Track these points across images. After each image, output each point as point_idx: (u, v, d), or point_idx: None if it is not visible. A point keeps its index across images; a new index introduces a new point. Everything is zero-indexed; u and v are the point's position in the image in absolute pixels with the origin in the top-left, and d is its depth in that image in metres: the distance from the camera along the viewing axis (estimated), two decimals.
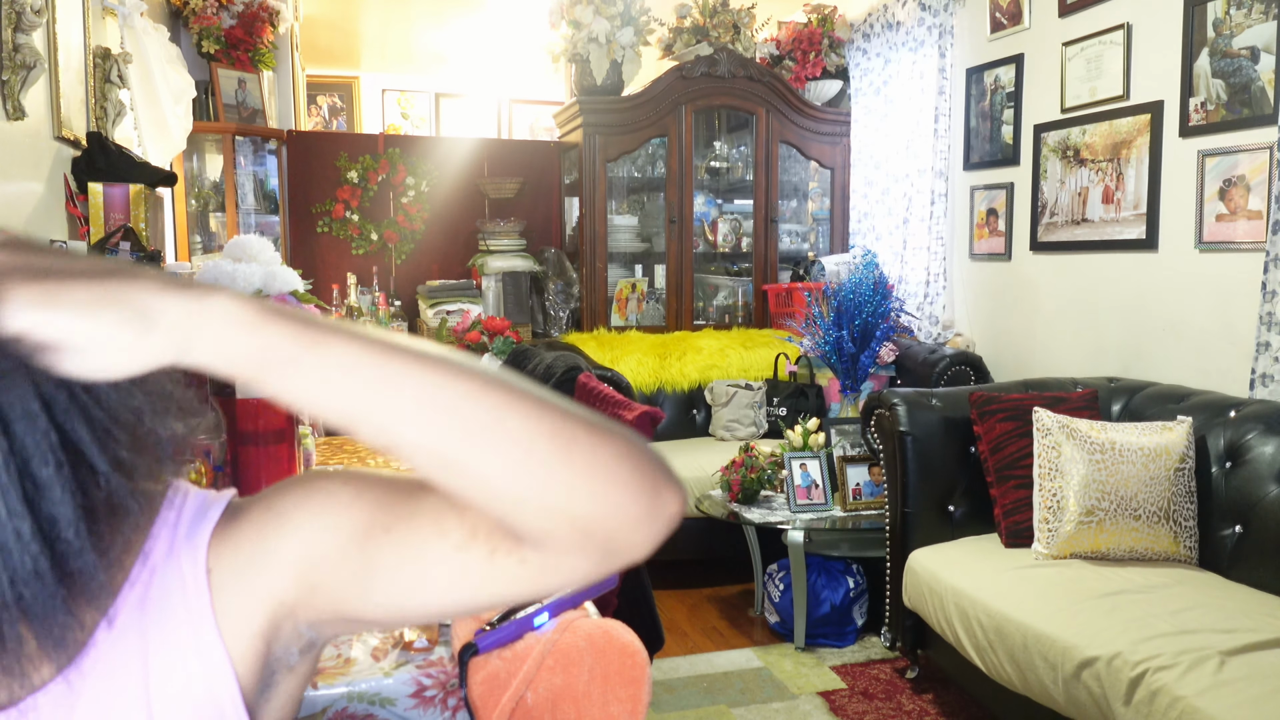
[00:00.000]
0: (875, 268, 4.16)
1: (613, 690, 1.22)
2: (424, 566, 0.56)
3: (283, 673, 0.61)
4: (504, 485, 0.50)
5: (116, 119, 2.99)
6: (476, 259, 4.68)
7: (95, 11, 2.88)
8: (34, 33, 2.20)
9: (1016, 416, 2.74)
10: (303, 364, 0.48)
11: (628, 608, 2.02)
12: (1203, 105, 2.93)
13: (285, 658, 0.60)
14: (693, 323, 4.68)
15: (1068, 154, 3.50)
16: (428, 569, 0.56)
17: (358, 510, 0.57)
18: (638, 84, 4.65)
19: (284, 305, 0.50)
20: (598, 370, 3.46)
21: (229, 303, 0.47)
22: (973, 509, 2.84)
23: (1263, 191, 2.73)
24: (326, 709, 1.24)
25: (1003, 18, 3.81)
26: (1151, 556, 2.48)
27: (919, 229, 4.26)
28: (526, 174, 4.92)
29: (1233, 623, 2.06)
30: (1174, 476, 2.48)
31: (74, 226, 2.59)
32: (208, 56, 4.28)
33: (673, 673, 2.95)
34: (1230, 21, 2.83)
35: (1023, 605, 2.28)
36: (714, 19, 4.63)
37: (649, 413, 1.93)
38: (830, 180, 4.88)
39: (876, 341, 3.73)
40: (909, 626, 2.77)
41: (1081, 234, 3.45)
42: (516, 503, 0.51)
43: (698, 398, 4.28)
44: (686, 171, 4.57)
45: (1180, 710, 1.79)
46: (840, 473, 3.26)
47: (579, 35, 4.42)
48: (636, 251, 4.76)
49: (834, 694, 2.80)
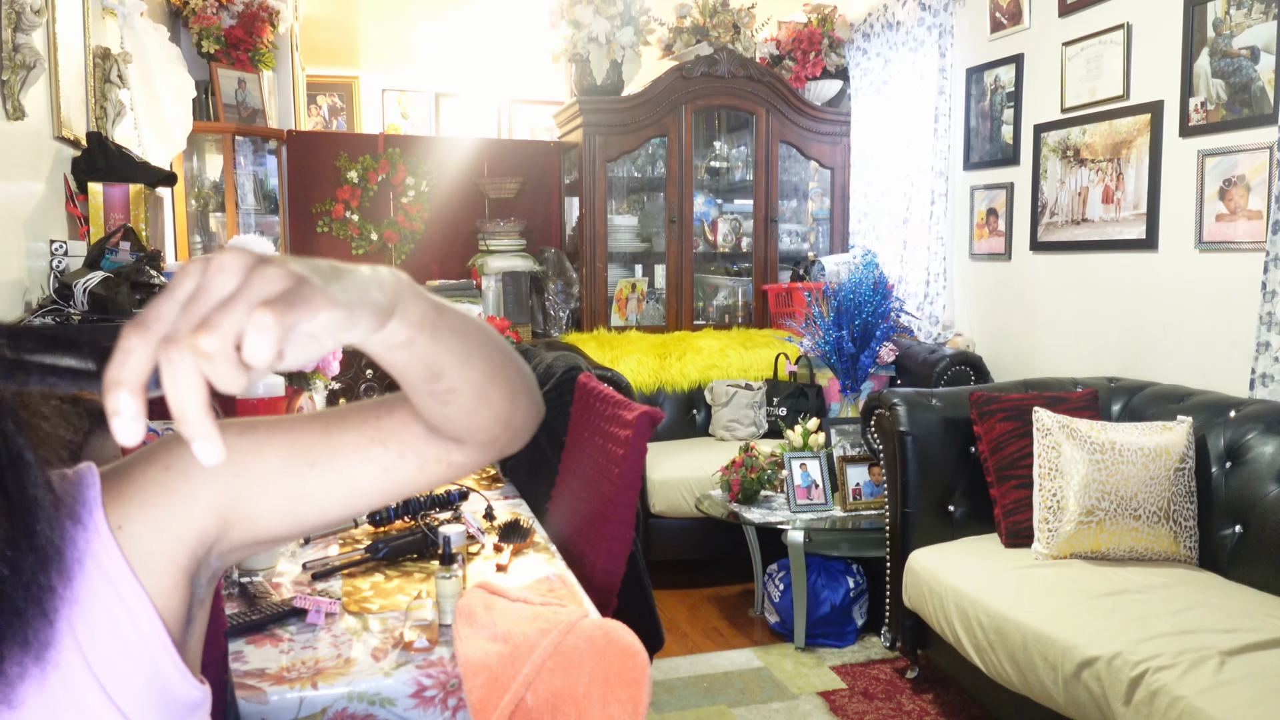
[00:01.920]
0: (875, 268, 4.16)
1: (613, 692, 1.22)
2: (355, 487, 0.66)
3: (197, 608, 0.66)
4: (499, 411, 0.66)
5: (116, 119, 2.99)
6: (476, 259, 4.68)
7: (95, 11, 2.88)
8: (34, 33, 2.19)
9: (1016, 416, 2.74)
10: (439, 327, 0.59)
11: (627, 608, 2.02)
12: (1203, 105, 2.93)
13: (198, 592, 0.66)
14: (693, 323, 4.68)
15: (1068, 154, 3.50)
16: (359, 489, 0.67)
17: (268, 454, 0.66)
18: (638, 84, 4.65)
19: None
20: (598, 370, 3.46)
21: (405, 276, 0.58)
22: (973, 509, 2.84)
23: (1263, 191, 2.73)
24: (326, 709, 1.24)
25: (1003, 17, 3.81)
26: (1151, 556, 2.48)
27: (919, 229, 4.26)
28: (526, 174, 4.91)
29: (1233, 623, 2.06)
30: (1174, 476, 2.48)
31: (74, 226, 2.59)
32: (208, 56, 4.28)
33: (673, 673, 2.95)
34: (1230, 21, 2.82)
35: (1023, 605, 2.28)
36: (714, 19, 4.62)
37: (649, 413, 1.93)
38: (830, 180, 4.88)
39: (876, 341, 3.73)
40: (909, 626, 2.78)
41: (1081, 234, 3.45)
42: (495, 421, 0.66)
43: (698, 398, 4.28)
44: (686, 171, 4.57)
45: (1180, 710, 1.79)
46: (840, 473, 3.26)
47: (579, 35, 4.42)
48: (636, 251, 4.76)
49: (834, 694, 2.80)
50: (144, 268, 2.25)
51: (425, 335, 0.59)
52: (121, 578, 0.60)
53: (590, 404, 2.22)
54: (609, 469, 1.98)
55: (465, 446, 0.68)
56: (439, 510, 1.97)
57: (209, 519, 0.64)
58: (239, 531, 0.65)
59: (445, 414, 0.64)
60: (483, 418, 0.65)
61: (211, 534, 0.64)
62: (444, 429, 0.66)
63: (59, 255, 2.36)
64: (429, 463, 0.67)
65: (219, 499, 0.64)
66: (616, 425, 2.00)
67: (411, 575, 1.68)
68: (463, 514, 1.95)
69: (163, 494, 0.63)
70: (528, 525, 1.89)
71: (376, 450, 0.66)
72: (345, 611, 1.51)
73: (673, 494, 3.65)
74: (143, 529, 0.62)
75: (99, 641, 0.59)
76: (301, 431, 0.67)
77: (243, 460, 0.65)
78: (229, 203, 4.33)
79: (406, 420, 0.67)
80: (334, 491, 0.66)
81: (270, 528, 0.67)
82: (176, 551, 0.63)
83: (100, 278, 2.12)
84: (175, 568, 0.63)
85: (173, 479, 0.63)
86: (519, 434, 0.70)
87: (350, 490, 0.67)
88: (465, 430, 0.66)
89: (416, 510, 1.91)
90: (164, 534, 0.62)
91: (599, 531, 1.95)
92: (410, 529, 1.81)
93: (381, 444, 0.67)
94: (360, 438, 0.67)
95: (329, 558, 1.74)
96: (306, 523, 0.68)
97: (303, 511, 0.67)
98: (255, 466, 0.65)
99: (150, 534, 0.62)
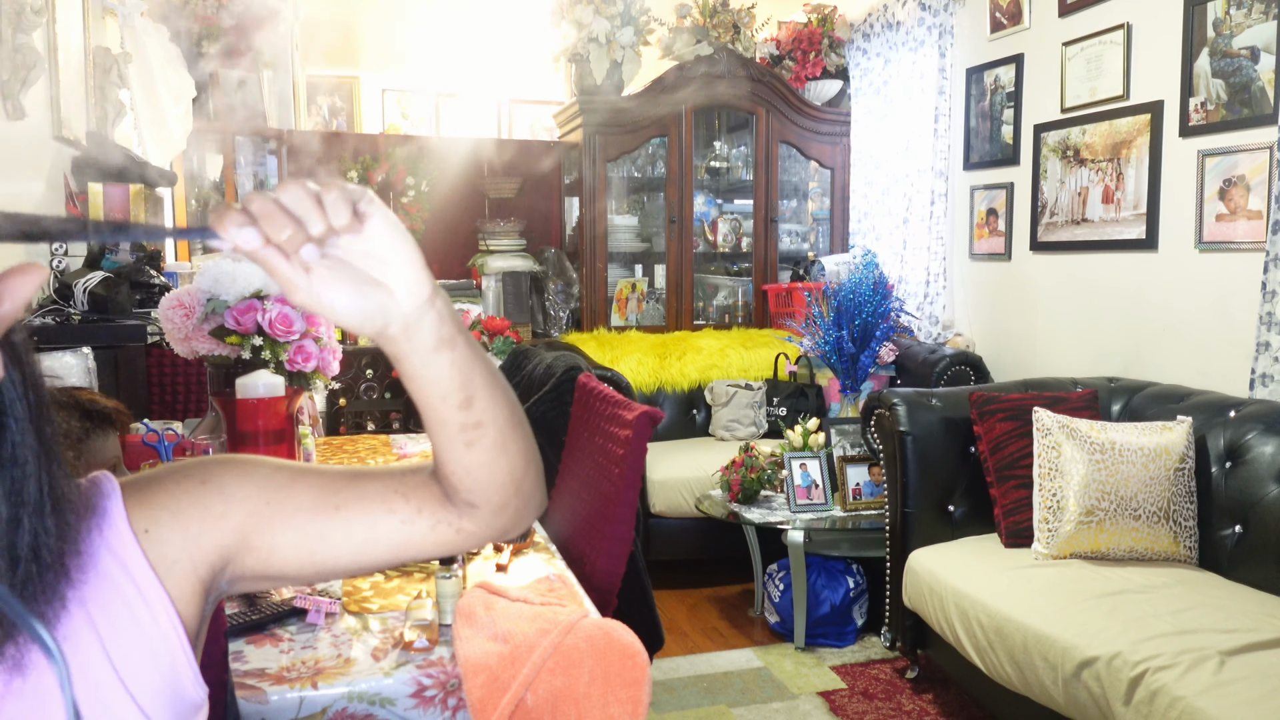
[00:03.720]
0: (875, 268, 4.16)
1: (613, 692, 1.22)
2: (372, 537, 0.71)
3: (202, 624, 0.69)
4: (515, 466, 0.70)
5: (116, 119, 2.99)
6: (476, 259, 4.68)
7: (95, 11, 2.87)
8: (34, 33, 2.19)
9: (1016, 416, 2.74)
10: (457, 342, 0.64)
11: (627, 608, 2.02)
12: (1203, 105, 2.93)
13: (207, 609, 0.69)
14: (693, 323, 4.68)
15: (1068, 154, 3.50)
16: (375, 539, 0.71)
17: (299, 491, 0.70)
18: (638, 84, 4.65)
19: None
20: (598, 370, 3.46)
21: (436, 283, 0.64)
22: (973, 509, 2.84)
23: (1263, 191, 2.73)
24: (326, 709, 1.24)
25: (1003, 17, 3.81)
26: (1151, 556, 2.48)
27: (919, 229, 4.26)
28: (526, 174, 4.91)
29: (1233, 623, 2.06)
30: (1174, 476, 2.48)
31: None
32: (208, 56, 4.27)
33: (673, 673, 2.95)
34: (1230, 21, 2.82)
35: (1023, 605, 2.28)
36: (714, 19, 4.62)
37: (649, 413, 1.92)
38: (830, 180, 4.87)
39: (876, 341, 3.73)
40: (909, 626, 2.78)
41: (1081, 234, 3.45)
42: (510, 478, 0.71)
43: (698, 398, 4.28)
44: (686, 171, 4.57)
45: (1180, 710, 1.79)
46: (840, 473, 3.26)
47: (579, 35, 4.42)
48: (636, 251, 4.76)
49: (834, 694, 2.80)
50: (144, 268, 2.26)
51: (463, 338, 0.65)
52: (143, 576, 0.63)
53: (590, 404, 2.22)
54: (609, 469, 1.98)
55: (478, 513, 0.72)
56: None
57: (234, 538, 0.68)
58: (255, 558, 0.69)
59: (468, 462, 0.69)
60: (501, 471, 0.70)
61: (231, 554, 0.68)
62: (463, 485, 0.70)
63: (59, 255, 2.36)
64: (441, 525, 0.72)
65: (248, 520, 0.68)
66: (616, 425, 2.00)
67: (411, 575, 1.68)
68: None
69: (197, 506, 0.67)
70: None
71: (398, 501, 0.71)
72: (345, 611, 1.51)
73: (673, 494, 3.65)
74: (171, 535, 0.65)
75: (118, 634, 0.61)
76: (333, 476, 0.72)
77: (277, 490, 0.70)
78: (229, 203, 4.33)
79: (428, 480, 0.73)
80: (352, 537, 0.70)
81: (284, 562, 0.70)
82: (200, 563, 0.66)
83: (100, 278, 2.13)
84: (196, 578, 0.66)
85: (209, 493, 0.68)
86: (526, 504, 0.73)
87: (366, 539, 0.71)
88: (482, 488, 0.70)
89: None
90: (191, 544, 0.66)
91: (599, 531, 1.95)
92: None
93: (403, 496, 0.72)
94: (385, 488, 0.72)
95: None
96: (319, 566, 0.71)
97: (319, 552, 0.70)
98: (288, 499, 0.70)
99: (178, 541, 0.66)
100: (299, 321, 1.91)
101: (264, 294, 1.91)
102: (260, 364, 1.88)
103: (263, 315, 1.86)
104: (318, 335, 1.97)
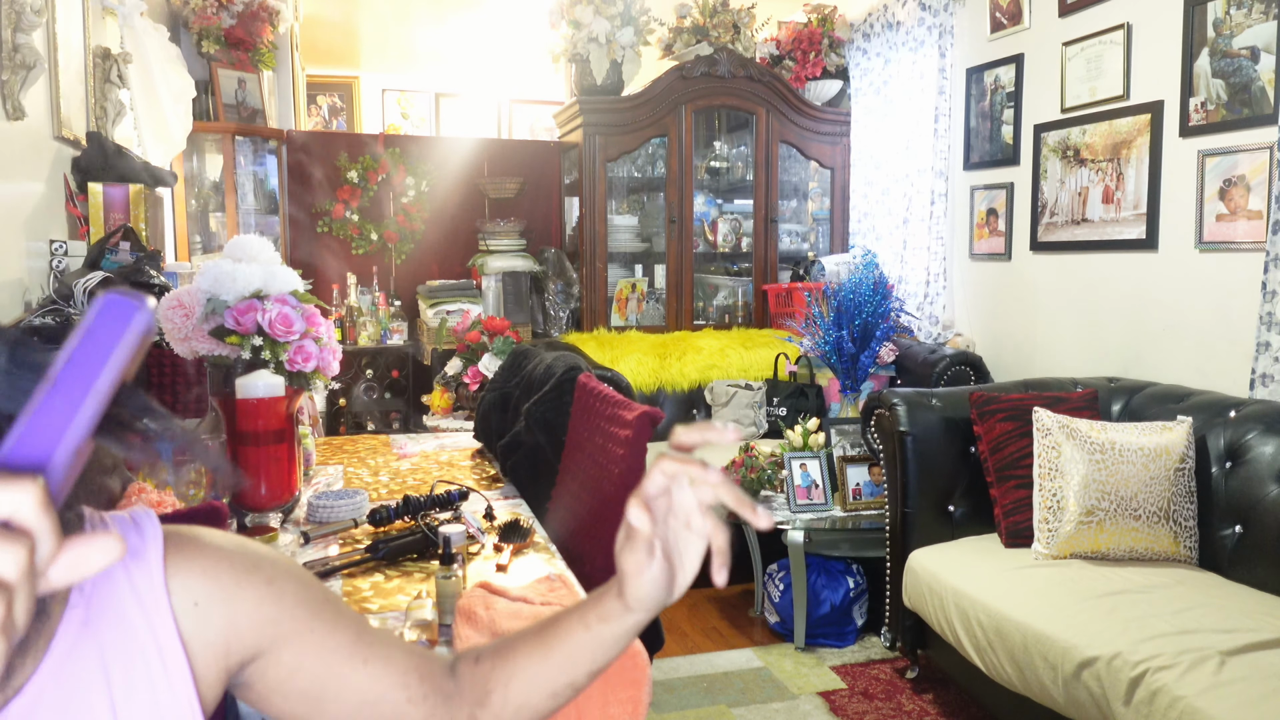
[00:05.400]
0: (875, 268, 4.16)
1: (613, 692, 1.22)
2: (376, 703, 0.73)
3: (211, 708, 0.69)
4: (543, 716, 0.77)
5: (116, 119, 2.99)
6: (476, 259, 4.68)
7: (95, 11, 2.87)
8: (34, 33, 2.20)
9: (1016, 416, 2.74)
10: None
11: None
12: (1203, 105, 2.93)
13: (218, 697, 0.69)
14: (693, 323, 4.68)
15: (1068, 154, 3.50)
16: (379, 706, 0.73)
17: (340, 630, 0.72)
18: (638, 84, 4.65)
19: None
20: (598, 370, 3.46)
21: None
22: (973, 509, 2.84)
23: (1263, 191, 2.73)
24: None
25: (1003, 17, 3.81)
26: (1151, 556, 2.48)
27: (919, 229, 4.26)
28: (526, 174, 4.91)
29: (1233, 623, 2.06)
30: (1174, 476, 2.48)
31: (74, 226, 2.59)
32: (208, 56, 4.27)
33: (673, 673, 2.95)
34: (1230, 21, 2.83)
35: (1022, 605, 2.28)
36: (714, 19, 4.62)
37: (649, 413, 1.92)
38: (830, 180, 4.88)
39: (876, 341, 3.73)
40: (909, 626, 2.78)
41: (1081, 234, 3.45)
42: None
43: (698, 398, 4.28)
44: (686, 171, 4.57)
45: (1180, 710, 1.79)
46: (840, 473, 3.26)
47: (579, 35, 4.42)
48: (636, 251, 4.76)
49: (834, 694, 2.80)
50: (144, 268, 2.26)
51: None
52: (167, 640, 0.63)
53: (590, 404, 2.22)
54: (609, 469, 1.98)
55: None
56: (439, 510, 1.97)
57: (271, 645, 0.69)
58: (278, 672, 0.69)
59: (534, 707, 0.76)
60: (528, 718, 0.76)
61: (262, 654, 0.69)
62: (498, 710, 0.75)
63: (59, 255, 2.36)
64: (435, 716, 0.75)
65: (291, 635, 0.70)
66: (617, 425, 2.00)
67: (411, 575, 1.68)
68: (463, 514, 1.95)
69: (255, 601, 0.68)
70: (528, 525, 1.88)
71: (413, 678, 0.75)
72: None
73: None
74: (219, 619, 0.66)
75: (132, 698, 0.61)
76: (368, 630, 0.75)
77: (324, 621, 0.72)
78: (229, 203, 4.33)
79: (445, 672, 0.77)
80: (364, 697, 0.72)
81: (298, 691, 0.71)
82: (234, 652, 0.67)
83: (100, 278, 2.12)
84: (224, 665, 0.67)
85: (270, 596, 0.69)
86: None
87: (372, 701, 0.73)
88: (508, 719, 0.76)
89: (417, 510, 1.91)
90: (233, 634, 0.67)
91: (599, 531, 1.95)
92: (410, 529, 1.80)
93: (420, 677, 0.75)
94: (407, 662, 0.75)
95: (329, 558, 1.74)
96: (321, 709, 0.72)
97: (326, 701, 0.72)
98: (329, 635, 0.72)
99: (224, 625, 0.66)
100: (299, 322, 1.90)
101: (264, 294, 1.91)
102: (260, 364, 1.88)
103: (263, 315, 1.86)
104: (318, 335, 1.96)
